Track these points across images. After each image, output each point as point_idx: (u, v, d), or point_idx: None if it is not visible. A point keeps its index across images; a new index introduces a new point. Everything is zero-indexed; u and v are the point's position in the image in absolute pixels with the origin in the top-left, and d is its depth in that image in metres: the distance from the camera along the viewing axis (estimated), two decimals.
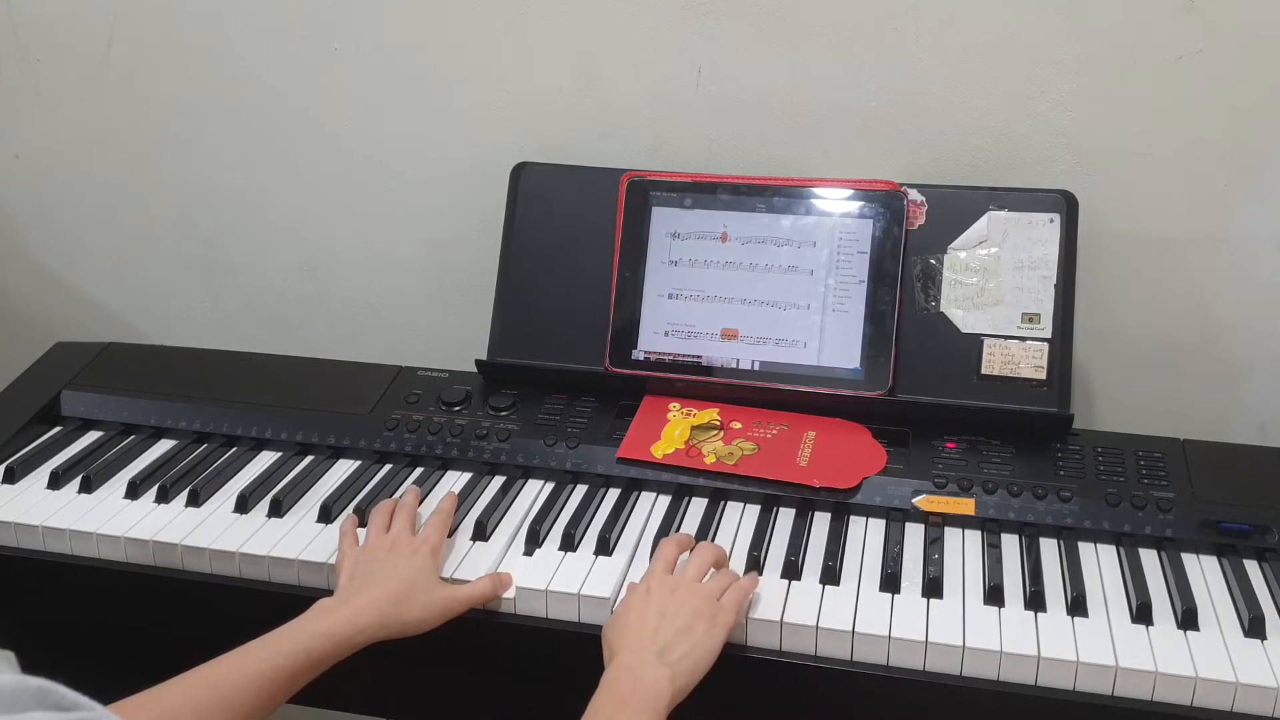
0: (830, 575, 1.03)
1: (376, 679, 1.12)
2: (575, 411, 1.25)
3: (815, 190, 1.25)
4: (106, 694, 0.70)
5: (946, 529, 1.10)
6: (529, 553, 1.09)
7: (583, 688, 1.03)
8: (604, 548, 1.08)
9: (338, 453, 1.27)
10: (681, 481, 1.17)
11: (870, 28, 1.29)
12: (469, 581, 1.04)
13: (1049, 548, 1.07)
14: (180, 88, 1.54)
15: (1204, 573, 1.04)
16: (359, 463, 1.25)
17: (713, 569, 1.02)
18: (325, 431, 1.27)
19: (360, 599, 0.98)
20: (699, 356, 1.26)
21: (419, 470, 1.22)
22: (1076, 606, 0.99)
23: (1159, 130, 1.26)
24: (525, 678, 1.09)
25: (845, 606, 0.99)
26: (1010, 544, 1.08)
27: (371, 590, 0.99)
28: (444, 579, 1.05)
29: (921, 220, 1.23)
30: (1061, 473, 1.13)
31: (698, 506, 1.15)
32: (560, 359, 1.29)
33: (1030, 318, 1.19)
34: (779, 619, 0.98)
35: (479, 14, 1.39)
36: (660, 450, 1.19)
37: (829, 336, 1.23)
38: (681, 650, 0.92)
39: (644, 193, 1.29)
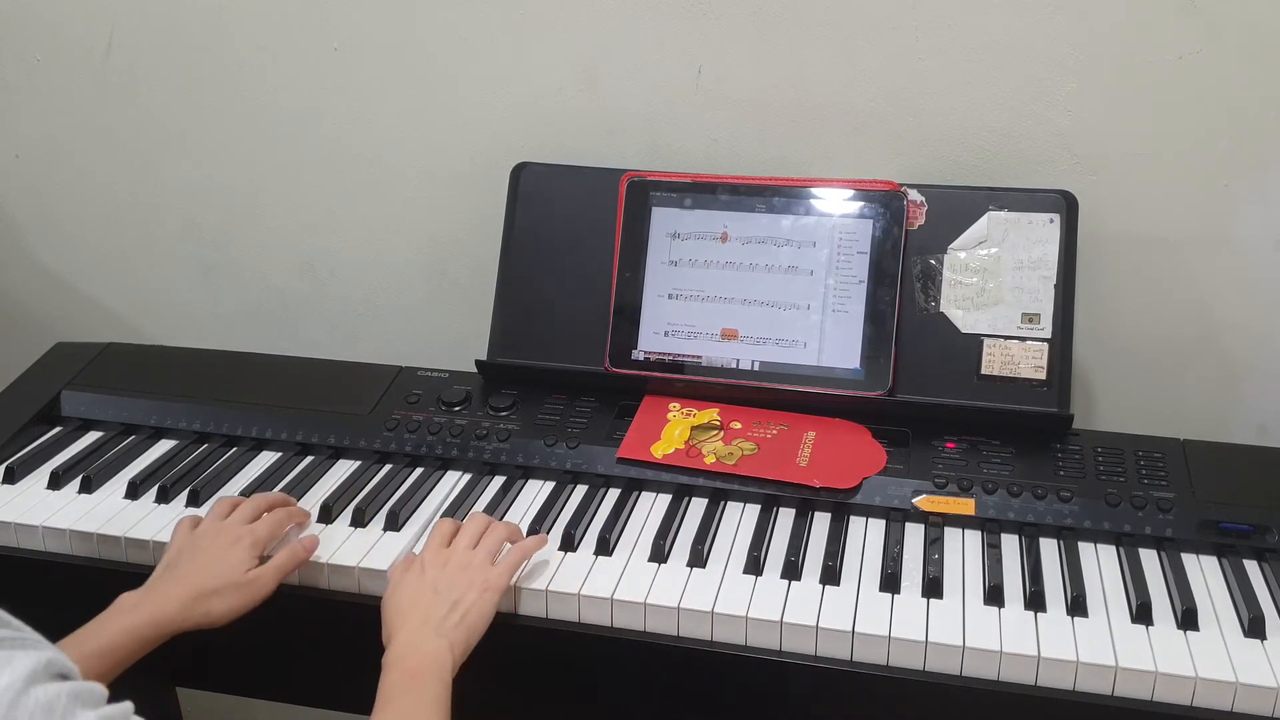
0: (830, 575, 1.03)
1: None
2: (575, 411, 1.25)
3: (815, 190, 1.25)
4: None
5: (946, 529, 1.10)
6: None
7: (588, 683, 1.03)
8: (604, 548, 1.08)
9: (338, 453, 1.27)
10: (681, 482, 1.17)
11: (870, 28, 1.29)
12: (269, 560, 1.05)
13: (1049, 548, 1.07)
14: (180, 88, 1.53)
15: (1204, 573, 1.04)
16: (359, 463, 1.25)
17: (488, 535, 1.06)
18: (325, 431, 1.27)
19: (163, 594, 0.99)
20: (699, 356, 1.26)
21: (419, 470, 1.22)
22: (1076, 606, 0.99)
23: (1159, 130, 1.26)
24: (525, 679, 1.09)
25: (845, 606, 0.99)
26: (1010, 544, 1.08)
27: (177, 585, 1.00)
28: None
29: (921, 220, 1.23)
30: (1061, 473, 1.13)
31: (698, 506, 1.15)
32: (560, 359, 1.29)
33: (1030, 318, 1.19)
34: (779, 619, 0.98)
35: (479, 14, 1.39)
36: (660, 450, 1.19)
37: (829, 337, 1.23)
38: (453, 620, 0.96)
39: (644, 193, 1.29)
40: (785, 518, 1.12)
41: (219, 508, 1.10)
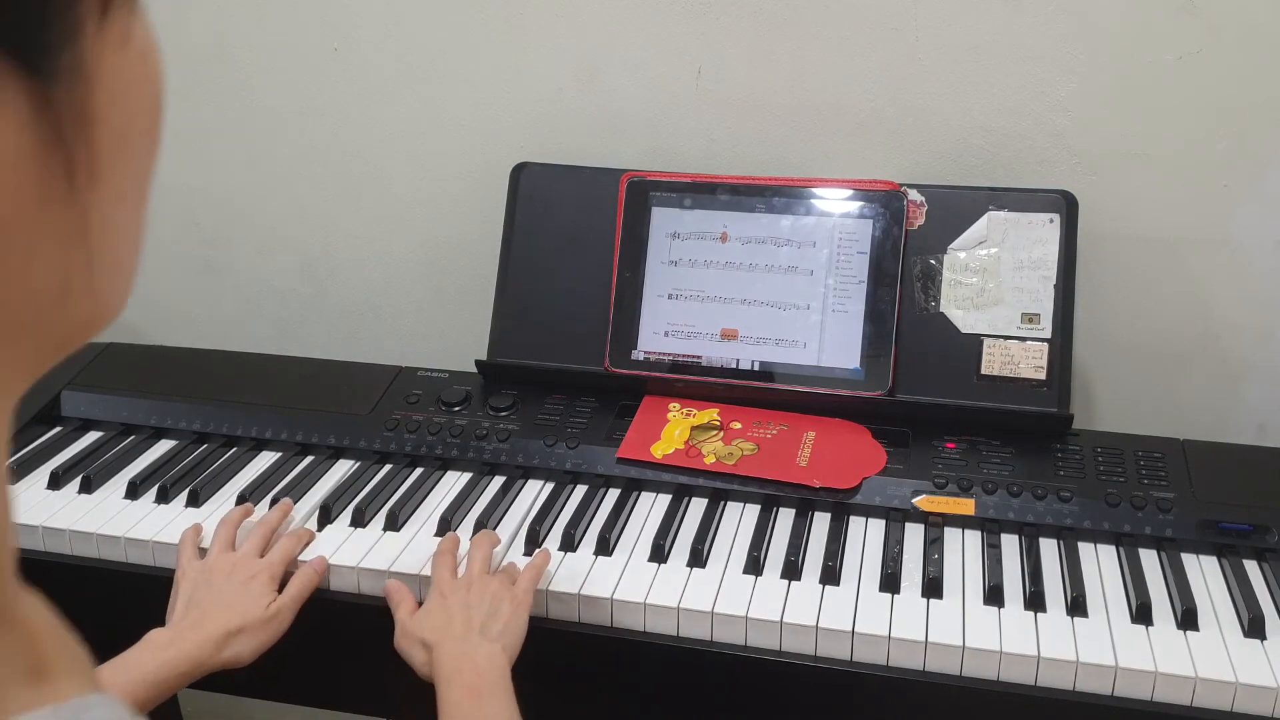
0: (830, 575, 1.03)
1: (380, 679, 1.12)
2: (575, 411, 1.25)
3: (815, 190, 1.25)
4: None
5: (946, 529, 1.10)
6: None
7: (587, 684, 1.03)
8: (604, 548, 1.08)
9: (338, 453, 1.27)
10: (681, 482, 1.17)
11: (870, 28, 1.29)
12: (283, 589, 1.03)
13: (1049, 548, 1.07)
14: (180, 88, 1.53)
15: (1204, 573, 1.04)
16: (359, 463, 1.25)
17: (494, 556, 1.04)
18: (325, 431, 1.27)
19: (196, 633, 0.97)
20: (699, 357, 1.26)
21: (419, 470, 1.22)
22: (1076, 606, 0.99)
23: (1159, 131, 1.26)
24: (524, 679, 1.09)
25: (845, 607, 0.99)
26: (1010, 544, 1.08)
27: (208, 625, 0.97)
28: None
29: (921, 220, 1.23)
30: (1061, 473, 1.13)
31: (697, 507, 1.15)
32: (560, 359, 1.29)
33: (1030, 318, 1.19)
34: (779, 619, 0.98)
35: (479, 14, 1.39)
36: (660, 450, 1.19)
37: (829, 336, 1.23)
38: (498, 627, 0.94)
39: (644, 193, 1.29)
40: (785, 518, 1.12)
41: (222, 535, 1.07)
